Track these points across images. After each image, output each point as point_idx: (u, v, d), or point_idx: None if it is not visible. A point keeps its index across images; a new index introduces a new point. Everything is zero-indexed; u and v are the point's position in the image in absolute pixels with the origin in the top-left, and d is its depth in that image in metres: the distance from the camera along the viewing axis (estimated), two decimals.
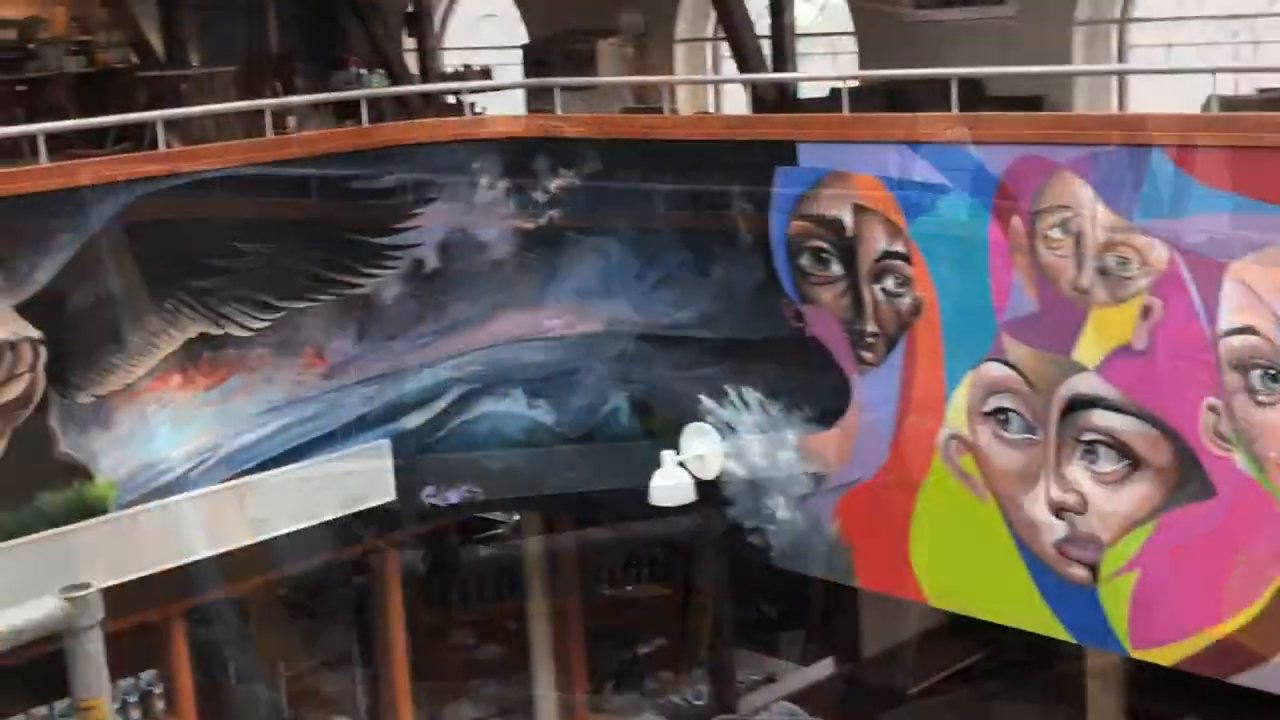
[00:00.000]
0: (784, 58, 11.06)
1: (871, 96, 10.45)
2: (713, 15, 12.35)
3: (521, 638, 9.91)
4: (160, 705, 7.55)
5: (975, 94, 10.44)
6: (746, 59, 11.02)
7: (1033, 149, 5.96)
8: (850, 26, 11.81)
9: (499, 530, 11.04)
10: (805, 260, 6.70)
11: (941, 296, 6.26)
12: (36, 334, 6.72)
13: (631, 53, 13.02)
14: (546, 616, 9.59)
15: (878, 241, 6.42)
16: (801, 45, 11.33)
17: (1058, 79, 10.22)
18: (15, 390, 6.69)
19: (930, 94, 10.28)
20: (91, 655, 2.29)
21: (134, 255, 6.99)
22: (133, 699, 7.50)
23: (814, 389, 6.80)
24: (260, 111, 8.15)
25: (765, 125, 6.89)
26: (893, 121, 6.44)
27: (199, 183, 7.16)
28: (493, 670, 10.29)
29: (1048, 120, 7.02)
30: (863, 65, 11.61)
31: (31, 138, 7.24)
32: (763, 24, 11.38)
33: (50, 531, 6.81)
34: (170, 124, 7.88)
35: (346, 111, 11.34)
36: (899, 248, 6.35)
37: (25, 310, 6.67)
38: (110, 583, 6.96)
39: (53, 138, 7.25)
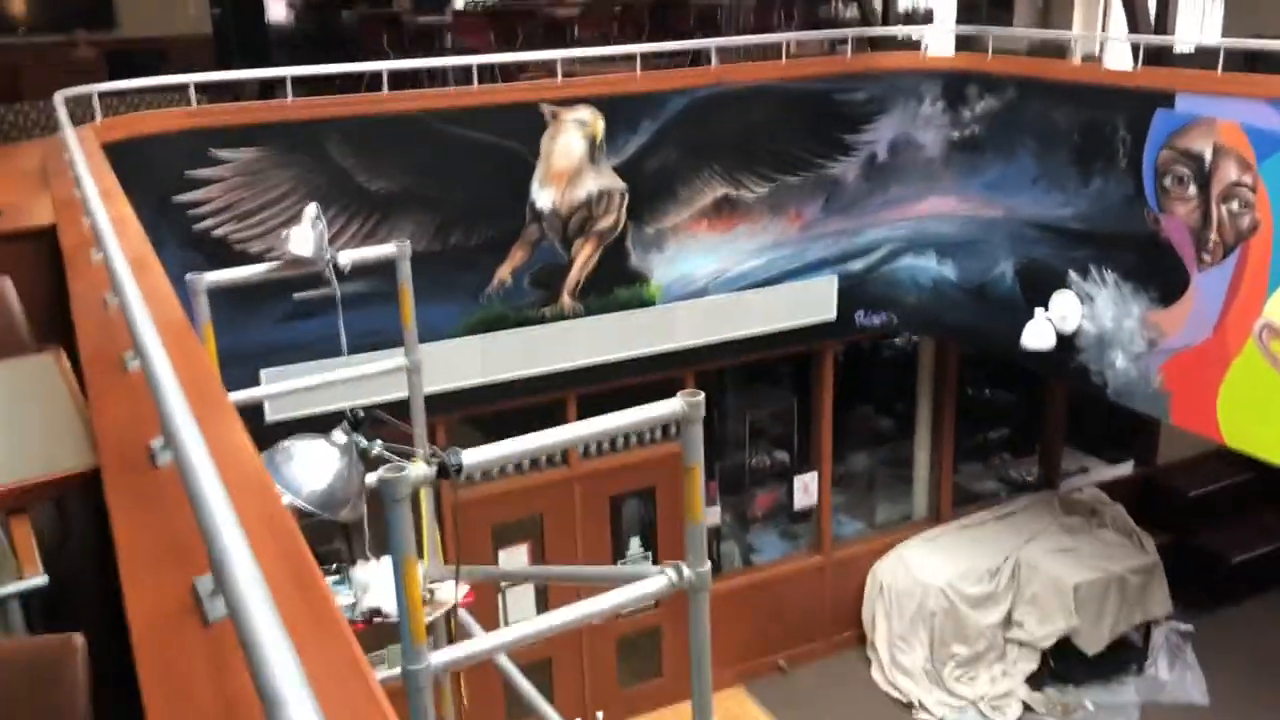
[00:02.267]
0: (1164, 14, 10.01)
1: (1233, 56, 9.34)
2: None
3: (908, 416, 9.89)
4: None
5: None
6: (1135, 14, 10.04)
7: None
8: None
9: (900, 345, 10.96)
10: (1168, 181, 6.20)
11: (1277, 220, 5.69)
12: (623, 186, 7.13)
13: (1041, 1, 12.09)
14: (929, 402, 9.53)
15: (1230, 173, 5.85)
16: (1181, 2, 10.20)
17: None
18: (608, 221, 7.16)
19: None
20: (695, 439, 2.53)
21: (686, 139, 7.23)
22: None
23: (1160, 277, 6.35)
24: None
25: (1154, 77, 6.28)
26: (1256, 82, 5.78)
27: (734, 92, 7.31)
28: (885, 435, 10.35)
29: None
30: (1227, 23, 10.36)
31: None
32: None
33: (620, 313, 7.35)
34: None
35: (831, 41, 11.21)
36: (1247, 179, 5.78)
37: (619, 170, 7.09)
38: (650, 351, 7.56)
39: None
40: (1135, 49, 6.71)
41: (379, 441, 2.49)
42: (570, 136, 6.89)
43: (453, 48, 11.26)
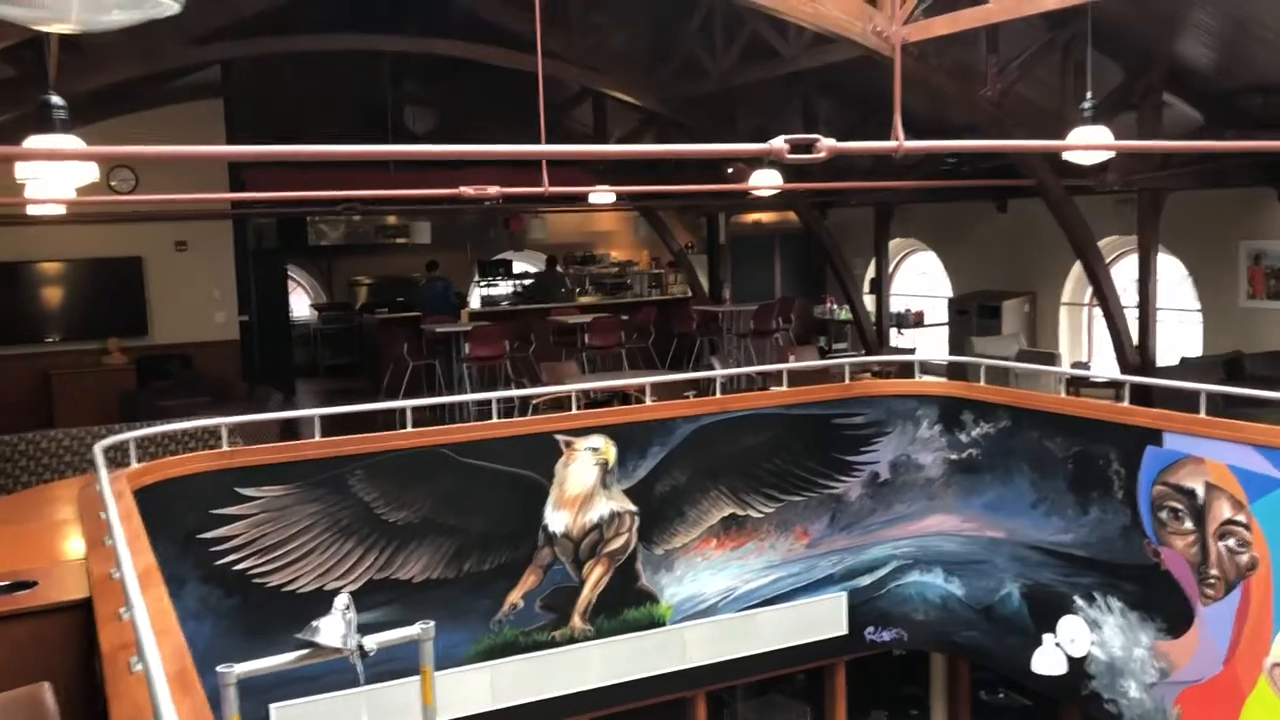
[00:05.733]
0: (1146, 325, 10.55)
1: (1212, 365, 9.81)
2: (1090, 288, 11.94)
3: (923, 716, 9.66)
4: None
5: None
6: (1115, 323, 10.59)
7: None
8: (1198, 305, 11.15)
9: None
10: (1164, 514, 6.37)
11: (1275, 559, 5.80)
12: (634, 508, 7.30)
13: (1028, 309, 12.73)
14: (944, 708, 9.31)
15: (1224, 511, 6.02)
16: (1160, 315, 10.76)
17: None
18: (619, 543, 7.28)
19: (1255, 366, 9.57)
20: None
21: (694, 462, 7.46)
22: None
23: (1165, 608, 6.40)
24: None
25: (1140, 415, 6.56)
26: (1238, 427, 6.04)
27: (738, 418, 7.61)
28: None
29: None
30: (1206, 336, 10.90)
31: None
32: (1128, 295, 10.92)
33: (631, 635, 7.35)
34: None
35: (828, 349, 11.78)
36: (1240, 518, 5.94)
37: (629, 493, 7.29)
38: (661, 672, 7.51)
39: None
40: (1120, 386, 7.04)
41: None
42: (583, 464, 7.13)
43: (470, 354, 11.81)
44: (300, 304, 17.17)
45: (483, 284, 16.33)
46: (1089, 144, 5.24)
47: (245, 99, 12.53)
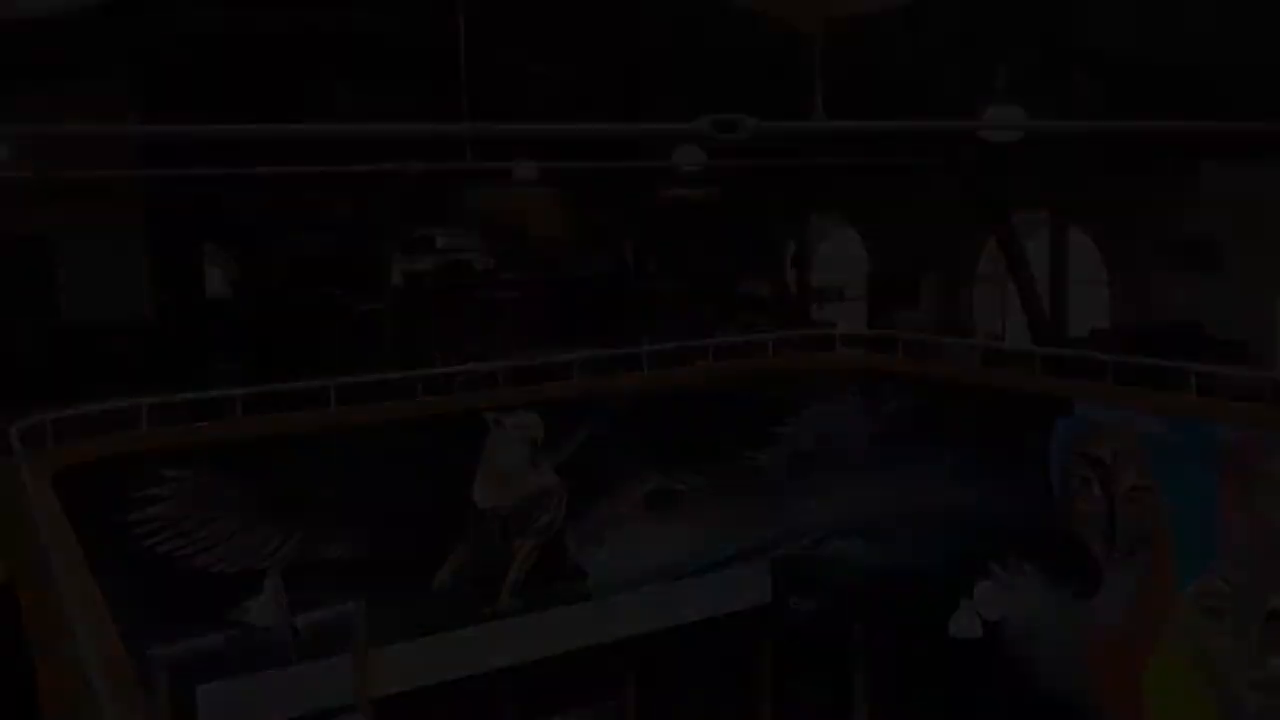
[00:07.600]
0: (1057, 299, 10.86)
1: (1121, 336, 10.11)
2: (1004, 262, 12.21)
3: (845, 682, 9.86)
4: None
5: (1195, 337, 9.98)
6: (1027, 295, 10.86)
7: (1252, 430, 5.75)
8: (1107, 278, 11.47)
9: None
10: (1075, 482, 6.61)
11: (1176, 522, 6.06)
12: (563, 484, 7.36)
13: (944, 284, 12.96)
14: (864, 671, 9.52)
15: (1129, 476, 6.28)
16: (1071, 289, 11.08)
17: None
18: (547, 519, 7.34)
19: (1165, 340, 9.89)
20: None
21: (623, 437, 7.54)
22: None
23: (1075, 571, 6.66)
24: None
25: (1052, 386, 6.80)
26: (1145, 395, 6.29)
27: (666, 393, 7.70)
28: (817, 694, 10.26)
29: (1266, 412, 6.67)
30: (1114, 308, 11.23)
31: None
32: (1041, 270, 11.18)
33: (559, 608, 7.40)
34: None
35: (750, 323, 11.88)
36: (1145, 483, 6.20)
37: (558, 469, 7.34)
38: (590, 643, 7.59)
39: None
40: (1032, 357, 7.26)
41: None
42: (512, 441, 7.16)
43: (396, 333, 11.71)
44: (217, 280, 16.75)
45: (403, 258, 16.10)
46: (1004, 124, 5.39)
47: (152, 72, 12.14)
